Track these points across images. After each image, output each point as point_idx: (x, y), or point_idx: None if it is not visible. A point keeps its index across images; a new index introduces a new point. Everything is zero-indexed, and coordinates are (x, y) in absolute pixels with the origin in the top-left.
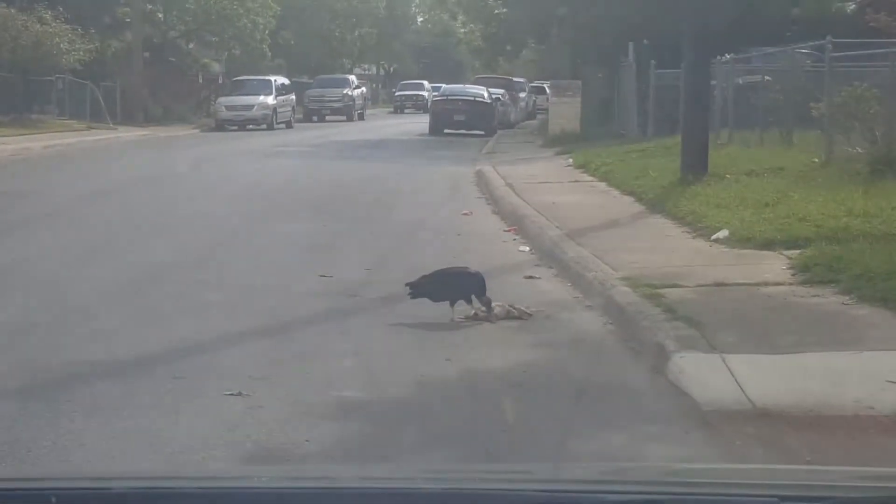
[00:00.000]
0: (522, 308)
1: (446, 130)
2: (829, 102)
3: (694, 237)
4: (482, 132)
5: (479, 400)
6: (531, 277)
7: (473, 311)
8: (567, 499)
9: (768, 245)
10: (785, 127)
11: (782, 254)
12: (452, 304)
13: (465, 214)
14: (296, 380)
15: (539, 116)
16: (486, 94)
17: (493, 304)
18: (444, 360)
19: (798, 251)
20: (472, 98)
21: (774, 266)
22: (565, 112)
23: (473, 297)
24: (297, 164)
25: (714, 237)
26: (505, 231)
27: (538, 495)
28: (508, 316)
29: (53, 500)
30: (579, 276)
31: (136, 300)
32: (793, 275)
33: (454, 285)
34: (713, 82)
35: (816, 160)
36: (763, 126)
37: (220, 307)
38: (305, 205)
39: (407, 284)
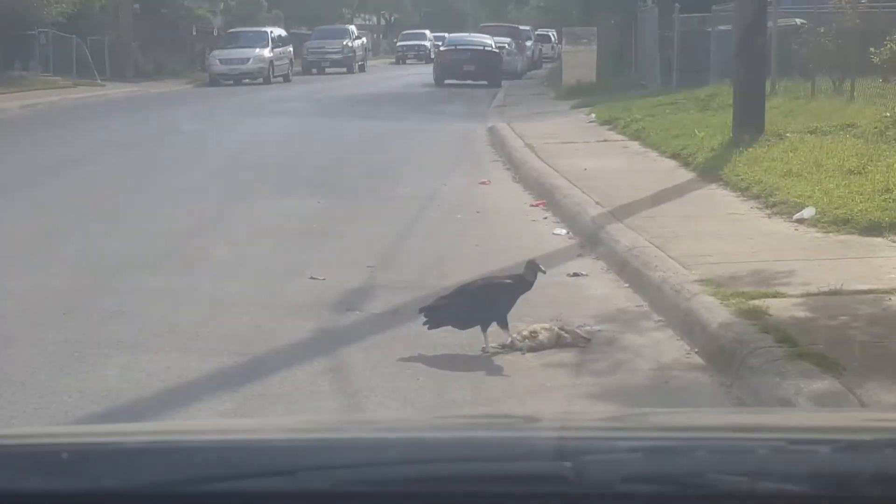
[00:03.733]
0: (576, 331)
1: (448, 81)
2: None
3: (769, 216)
4: (487, 82)
5: None
6: (576, 275)
7: (510, 339)
8: (576, 445)
9: (873, 229)
10: (839, 76)
11: None
12: (484, 330)
13: (483, 184)
14: None
15: (545, 65)
16: (492, 44)
17: (538, 327)
18: None
19: None
20: (482, 48)
21: (894, 260)
22: (580, 61)
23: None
24: (292, 122)
25: (797, 217)
26: (532, 206)
27: (547, 442)
28: (559, 343)
29: (64, 455)
30: (640, 276)
31: (60, 324)
32: None
33: (486, 304)
34: None
35: (888, 114)
36: (805, 75)
37: (171, 335)
38: (298, 175)
39: (422, 311)
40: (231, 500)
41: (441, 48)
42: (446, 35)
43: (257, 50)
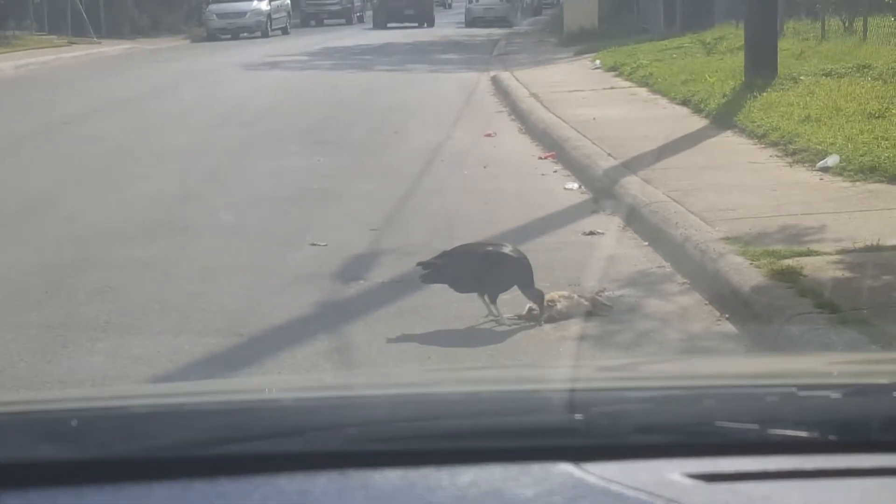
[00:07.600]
0: (597, 298)
1: (390, 24)
2: None
3: (791, 165)
4: (419, 24)
5: None
6: (592, 234)
7: (527, 307)
8: (586, 397)
9: None
10: (849, 15)
11: None
12: (493, 300)
13: (488, 136)
14: None
15: (545, 12)
16: None
17: (556, 295)
18: None
19: None
20: None
21: None
22: (581, 7)
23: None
24: (290, 76)
25: (821, 165)
26: (540, 159)
27: (557, 395)
28: (579, 312)
29: (74, 422)
30: (660, 233)
31: (43, 304)
32: None
33: (489, 274)
34: None
35: None
36: (812, 15)
37: (162, 314)
38: (297, 131)
39: (420, 264)
40: (241, 462)
41: None
42: None
43: (254, 3)
